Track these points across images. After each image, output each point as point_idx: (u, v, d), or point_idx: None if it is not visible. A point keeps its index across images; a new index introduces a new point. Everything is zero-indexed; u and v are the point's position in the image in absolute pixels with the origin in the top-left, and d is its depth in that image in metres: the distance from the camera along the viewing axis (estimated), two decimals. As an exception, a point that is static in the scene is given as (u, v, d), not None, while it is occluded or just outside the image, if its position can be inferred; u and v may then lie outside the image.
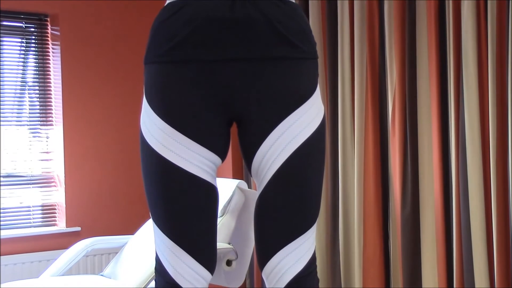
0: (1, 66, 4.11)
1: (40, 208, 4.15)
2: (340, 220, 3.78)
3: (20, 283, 3.38)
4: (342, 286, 3.76)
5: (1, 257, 3.82)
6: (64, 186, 4.15)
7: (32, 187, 4.12)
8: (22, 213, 4.08)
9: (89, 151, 4.26)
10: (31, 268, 3.88)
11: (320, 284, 3.81)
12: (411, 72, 3.59)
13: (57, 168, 4.18)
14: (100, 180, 4.29)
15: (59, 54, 4.23)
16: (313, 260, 2.02)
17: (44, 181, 4.17)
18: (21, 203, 4.09)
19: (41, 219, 4.14)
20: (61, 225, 4.15)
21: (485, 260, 3.29)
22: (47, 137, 4.20)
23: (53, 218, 4.18)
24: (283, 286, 1.99)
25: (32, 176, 4.12)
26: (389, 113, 3.67)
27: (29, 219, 4.09)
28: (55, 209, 4.18)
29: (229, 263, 3.14)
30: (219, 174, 3.10)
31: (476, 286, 3.29)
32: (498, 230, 3.24)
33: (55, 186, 4.19)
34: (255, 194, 2.03)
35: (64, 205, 4.14)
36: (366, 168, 3.72)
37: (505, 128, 3.28)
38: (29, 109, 4.17)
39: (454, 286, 3.39)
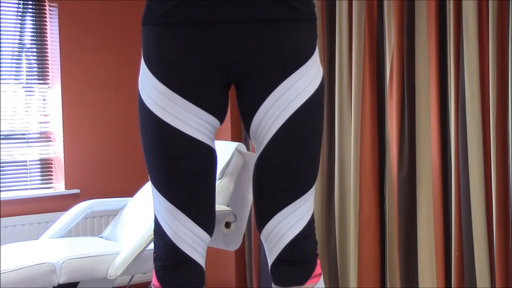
0: (-2, 28, 4.09)
1: (39, 168, 4.15)
2: (336, 183, 3.79)
3: (20, 245, 3.40)
4: (337, 249, 3.78)
5: (1, 219, 3.84)
6: (63, 148, 4.15)
7: (30, 146, 4.12)
8: (20, 173, 4.08)
9: (87, 113, 4.25)
10: (31, 230, 3.90)
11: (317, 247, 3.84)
12: (409, 34, 3.57)
13: (55, 129, 4.18)
14: (98, 143, 4.29)
15: (56, 15, 4.21)
16: (311, 222, 2.03)
17: (42, 141, 4.17)
18: (16, 160, 4.09)
19: (40, 181, 4.15)
20: (60, 188, 4.16)
21: (483, 219, 3.30)
22: (44, 99, 4.19)
23: (52, 180, 4.18)
24: (282, 248, 2.00)
25: (29, 135, 4.12)
26: (387, 75, 3.65)
27: (27, 180, 4.09)
28: (52, 169, 4.18)
29: (227, 225, 3.15)
30: (218, 136, 3.09)
31: (474, 245, 3.31)
32: (497, 188, 3.25)
33: (53, 146, 4.20)
34: (253, 156, 2.03)
35: (63, 168, 4.14)
36: (363, 131, 3.72)
37: (505, 89, 3.27)
38: (26, 71, 4.16)
39: (452, 246, 3.41)
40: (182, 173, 1.96)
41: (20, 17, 4.17)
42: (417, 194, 3.58)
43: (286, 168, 1.97)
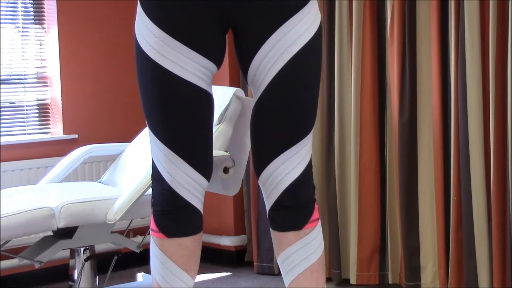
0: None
1: (37, 113, 4.14)
2: (335, 128, 3.78)
3: (18, 189, 3.41)
4: (337, 194, 3.80)
5: (0, 163, 3.84)
6: (60, 93, 4.13)
7: (27, 91, 4.10)
8: (17, 118, 4.07)
9: (85, 58, 4.23)
10: (29, 175, 3.91)
11: (315, 192, 3.85)
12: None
13: (52, 74, 4.16)
14: (97, 88, 4.27)
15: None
16: (309, 167, 2.03)
17: (40, 86, 4.15)
18: (13, 103, 4.07)
19: (37, 126, 4.14)
20: (58, 133, 4.15)
21: (482, 163, 3.31)
22: (41, 44, 4.16)
23: (49, 125, 4.17)
24: (280, 193, 2.01)
25: (26, 80, 4.10)
26: (388, 20, 3.63)
27: (24, 125, 4.08)
28: (50, 114, 4.17)
29: (226, 170, 3.16)
30: (216, 81, 3.07)
31: (472, 191, 3.33)
32: (495, 133, 3.25)
33: (50, 91, 4.18)
34: (252, 102, 2.02)
35: (61, 113, 4.13)
36: (363, 76, 3.71)
37: (505, 32, 3.25)
38: (22, 14, 4.11)
39: (451, 190, 3.43)
40: (179, 118, 1.96)
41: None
42: (418, 139, 3.59)
43: (283, 113, 1.97)
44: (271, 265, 4.02)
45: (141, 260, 4.02)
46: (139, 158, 3.46)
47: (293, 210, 2.03)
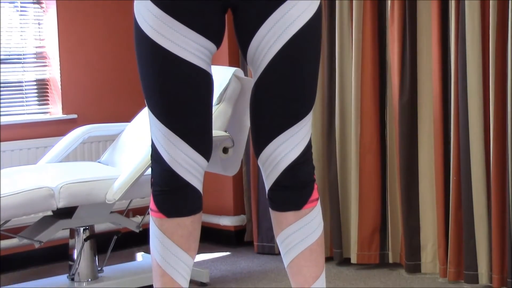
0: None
1: (36, 93, 4.13)
2: (336, 108, 3.78)
3: (18, 169, 3.41)
4: (338, 173, 3.80)
5: (0, 143, 3.84)
6: (59, 73, 4.12)
7: (26, 71, 4.09)
8: (16, 98, 4.06)
9: (84, 36, 4.21)
10: (29, 155, 3.91)
11: (316, 172, 3.85)
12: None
13: (51, 53, 4.15)
14: (96, 67, 4.26)
15: None
16: (308, 147, 2.03)
17: (38, 65, 4.14)
18: (12, 84, 4.07)
19: (36, 106, 4.13)
20: (57, 113, 4.14)
21: (482, 146, 3.31)
22: (40, 23, 4.14)
23: (49, 105, 4.17)
24: (279, 173, 2.01)
25: (25, 59, 4.09)
26: (388, 0, 3.62)
27: (23, 105, 4.08)
28: (49, 94, 4.16)
29: (225, 150, 3.16)
30: (215, 61, 3.06)
31: (472, 171, 3.33)
32: (495, 115, 3.25)
33: (49, 70, 4.17)
34: (251, 81, 2.02)
35: (60, 93, 4.12)
36: (364, 56, 3.70)
37: (506, 8, 3.23)
38: (22, -5, 4.10)
39: (451, 170, 3.43)
40: (179, 98, 1.95)
41: None
42: (418, 119, 3.59)
43: (283, 93, 1.96)
44: (272, 244, 4.04)
45: (140, 240, 4.04)
46: (138, 138, 3.46)
47: (292, 190, 2.03)
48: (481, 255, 3.35)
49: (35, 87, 4.13)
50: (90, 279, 3.33)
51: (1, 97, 3.97)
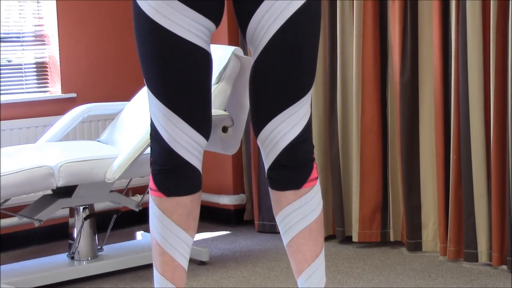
0: None
1: (35, 72, 4.12)
2: (338, 87, 3.77)
3: (17, 148, 3.41)
4: (340, 152, 3.80)
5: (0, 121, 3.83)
6: (58, 51, 4.11)
7: (25, 50, 4.07)
8: (15, 77, 4.05)
9: (83, 15, 4.19)
10: (28, 134, 3.90)
11: (318, 151, 3.86)
12: None
13: (50, 32, 4.13)
14: (95, 46, 4.24)
15: None
16: (308, 126, 2.03)
17: (37, 44, 4.12)
18: (10, 61, 4.05)
19: (36, 84, 4.12)
20: (56, 91, 4.14)
21: (482, 124, 3.31)
22: (38, 1, 4.12)
23: (48, 84, 4.16)
24: (278, 152, 2.01)
25: (24, 38, 4.07)
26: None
27: (22, 83, 4.07)
28: (48, 73, 4.15)
29: (225, 129, 3.16)
30: (215, 40, 3.06)
31: (472, 150, 3.33)
32: (495, 94, 3.24)
33: (48, 49, 4.15)
34: (251, 61, 2.01)
35: (59, 71, 4.11)
36: (365, 35, 3.68)
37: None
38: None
39: (451, 148, 3.43)
40: (178, 77, 1.95)
41: None
42: (419, 98, 3.59)
43: (282, 72, 1.96)
44: (273, 223, 4.04)
45: (140, 219, 4.04)
46: (137, 117, 3.45)
47: (291, 169, 2.03)
48: (481, 234, 3.36)
49: (34, 66, 4.12)
50: (90, 258, 3.34)
51: (1, 76, 3.95)
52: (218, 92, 3.16)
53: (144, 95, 3.49)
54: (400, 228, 3.73)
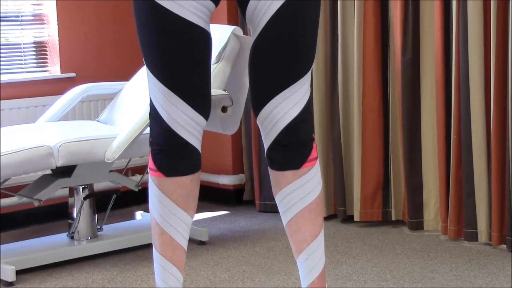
0: None
1: (34, 51, 4.10)
2: (339, 67, 3.76)
3: (16, 128, 3.40)
4: (341, 132, 3.80)
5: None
6: (57, 31, 4.09)
7: (24, 29, 4.06)
8: (14, 56, 4.04)
9: (81, -4, 4.18)
10: (27, 113, 3.90)
11: (319, 131, 3.86)
12: None
13: (49, 11, 4.11)
14: (94, 26, 4.23)
15: None
16: (307, 106, 2.02)
17: (36, 24, 4.11)
18: (7, 39, 4.04)
19: (35, 64, 4.11)
20: (55, 71, 4.12)
21: (482, 104, 3.30)
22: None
23: (47, 64, 4.14)
24: (278, 132, 2.01)
25: (22, 17, 4.05)
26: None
27: (21, 63, 4.05)
28: (47, 53, 4.14)
29: (224, 109, 3.15)
30: (214, 20, 3.04)
31: (472, 130, 3.33)
32: (496, 75, 3.23)
33: (47, 29, 4.14)
34: (250, 40, 2.00)
35: (58, 51, 4.10)
36: (366, 15, 3.67)
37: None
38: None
39: (452, 130, 3.43)
40: (177, 56, 1.94)
41: None
42: (421, 77, 3.58)
43: (282, 52, 1.95)
44: (275, 203, 4.03)
45: (139, 198, 4.05)
46: (137, 97, 3.45)
47: (291, 149, 2.03)
48: (481, 213, 3.36)
49: (33, 46, 4.10)
50: (89, 238, 3.34)
51: (1, 56, 3.94)
52: (218, 71, 3.15)
53: (143, 74, 3.48)
54: (402, 207, 3.74)
